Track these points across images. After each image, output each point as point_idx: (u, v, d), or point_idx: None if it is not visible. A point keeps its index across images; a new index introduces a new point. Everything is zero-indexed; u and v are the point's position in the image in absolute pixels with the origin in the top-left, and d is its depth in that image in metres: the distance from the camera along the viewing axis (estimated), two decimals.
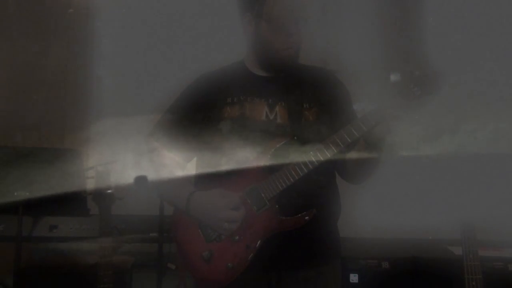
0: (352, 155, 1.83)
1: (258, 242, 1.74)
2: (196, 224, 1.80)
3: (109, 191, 2.40)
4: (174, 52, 3.76)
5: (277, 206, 1.75)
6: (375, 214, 3.38)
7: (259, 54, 1.89)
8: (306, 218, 1.74)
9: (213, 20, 3.68)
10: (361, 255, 3.05)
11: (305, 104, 1.87)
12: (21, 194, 2.63)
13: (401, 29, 3.75)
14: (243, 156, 1.80)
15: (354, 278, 2.98)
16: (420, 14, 3.68)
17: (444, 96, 1.66)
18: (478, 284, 2.14)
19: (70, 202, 2.82)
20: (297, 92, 1.88)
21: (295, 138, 1.80)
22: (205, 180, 1.85)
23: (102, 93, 3.83)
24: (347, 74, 2.18)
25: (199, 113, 1.90)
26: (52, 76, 3.87)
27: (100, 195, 2.37)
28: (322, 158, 1.71)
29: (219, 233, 1.77)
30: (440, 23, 3.53)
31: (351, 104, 1.96)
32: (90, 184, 2.60)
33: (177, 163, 1.94)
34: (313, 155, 1.71)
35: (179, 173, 1.94)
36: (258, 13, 1.82)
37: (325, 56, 3.42)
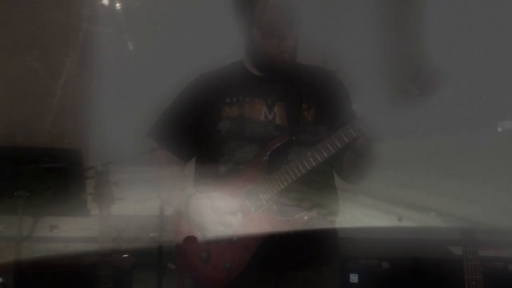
0: (348, 155, 1.83)
1: (257, 243, 1.74)
2: (195, 225, 1.80)
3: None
4: (173, 51, 3.76)
5: (275, 207, 1.75)
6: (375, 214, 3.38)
7: (254, 57, 1.88)
8: (305, 218, 1.74)
9: (213, 19, 3.68)
10: (361, 255, 3.05)
11: (304, 104, 1.87)
12: (21, 194, 2.63)
13: (401, 28, 3.74)
14: (241, 156, 1.80)
15: (354, 278, 2.98)
16: (420, 14, 3.68)
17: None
18: (478, 284, 2.14)
19: (70, 202, 2.81)
20: (296, 92, 1.87)
21: (294, 138, 1.80)
22: (203, 180, 1.85)
23: (102, 93, 3.83)
24: (347, 74, 2.17)
25: (198, 113, 1.89)
26: (52, 76, 3.87)
27: (100, 195, 2.36)
28: (320, 159, 1.71)
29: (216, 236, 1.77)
30: (440, 23, 3.53)
31: (351, 104, 1.95)
32: (90, 184, 2.59)
33: (175, 163, 1.94)
34: (312, 155, 1.71)
35: (178, 173, 1.94)
36: (249, 18, 1.79)
37: (325, 56, 3.41)
